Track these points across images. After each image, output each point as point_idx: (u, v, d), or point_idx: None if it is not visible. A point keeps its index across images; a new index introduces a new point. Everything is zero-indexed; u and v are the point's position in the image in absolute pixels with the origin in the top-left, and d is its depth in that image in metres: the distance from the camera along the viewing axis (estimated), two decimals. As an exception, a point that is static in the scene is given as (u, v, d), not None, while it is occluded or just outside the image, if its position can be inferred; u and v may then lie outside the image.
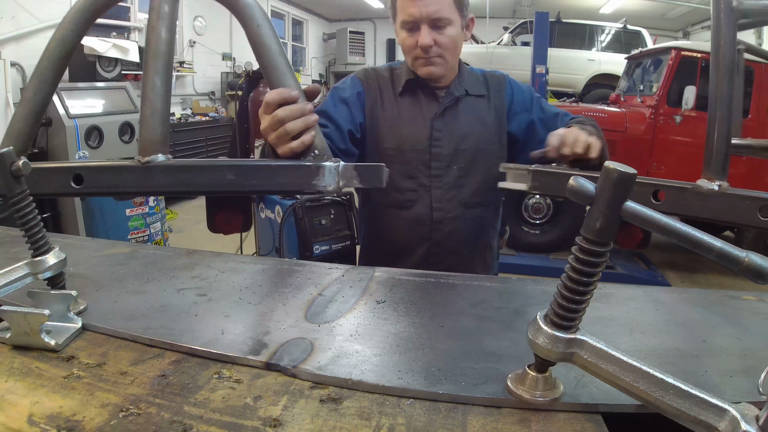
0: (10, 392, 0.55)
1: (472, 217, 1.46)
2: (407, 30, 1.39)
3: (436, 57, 1.39)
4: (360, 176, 0.82)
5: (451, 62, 1.43)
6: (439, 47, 1.37)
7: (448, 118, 1.46)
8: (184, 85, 8.37)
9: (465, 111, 1.47)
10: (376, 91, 1.49)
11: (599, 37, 9.91)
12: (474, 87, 1.50)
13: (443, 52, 1.39)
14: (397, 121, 1.46)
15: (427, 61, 1.39)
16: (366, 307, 0.76)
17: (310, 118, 0.84)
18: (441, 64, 1.41)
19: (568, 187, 0.47)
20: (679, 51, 5.06)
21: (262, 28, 0.82)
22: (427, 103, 1.47)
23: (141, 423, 0.49)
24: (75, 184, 0.84)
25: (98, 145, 4.71)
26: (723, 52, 0.85)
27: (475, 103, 1.50)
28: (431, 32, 1.35)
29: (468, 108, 1.48)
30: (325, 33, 14.34)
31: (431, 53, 1.37)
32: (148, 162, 0.82)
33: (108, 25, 6.41)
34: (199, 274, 0.89)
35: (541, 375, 0.53)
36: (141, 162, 0.82)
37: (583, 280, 0.48)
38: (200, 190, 0.90)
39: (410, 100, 1.48)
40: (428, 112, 1.46)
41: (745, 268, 0.42)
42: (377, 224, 1.55)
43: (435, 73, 1.42)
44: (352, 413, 0.52)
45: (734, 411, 0.42)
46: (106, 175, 0.85)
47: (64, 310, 0.67)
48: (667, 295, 0.86)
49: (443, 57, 1.40)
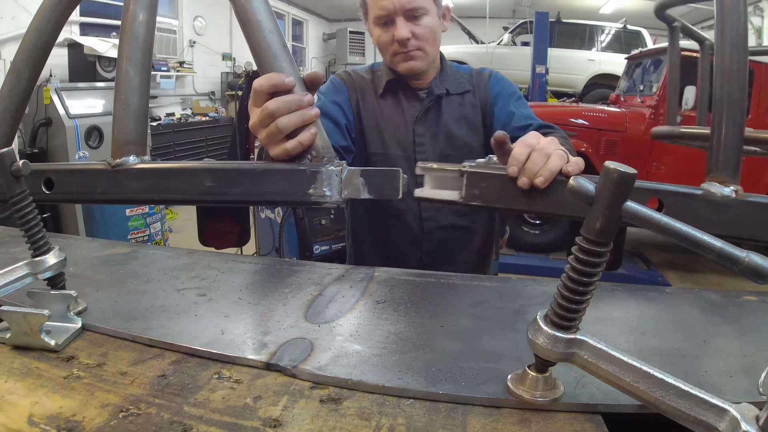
0: (10, 392, 0.55)
1: (466, 225, 1.41)
2: (381, 25, 1.31)
3: (416, 50, 1.30)
4: (369, 184, 0.68)
5: (431, 54, 1.35)
6: (418, 39, 1.29)
7: (431, 120, 1.39)
8: (184, 85, 8.37)
9: (448, 111, 1.39)
10: (358, 92, 1.42)
11: (599, 37, 9.92)
12: (456, 84, 1.42)
13: (422, 44, 1.30)
14: (381, 125, 1.39)
15: (406, 55, 1.31)
16: (366, 307, 0.76)
17: (308, 111, 0.69)
18: (421, 57, 1.32)
19: (568, 187, 0.47)
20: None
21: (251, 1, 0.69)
22: (409, 106, 1.40)
23: (141, 423, 0.49)
24: (46, 189, 0.75)
25: (98, 145, 4.72)
26: (730, 24, 0.70)
27: (458, 102, 1.41)
28: (407, 24, 1.27)
29: (451, 108, 1.40)
30: (325, 33, 14.35)
31: (410, 46, 1.29)
32: (119, 165, 0.72)
33: (108, 25, 6.41)
34: (199, 274, 0.89)
35: (541, 375, 0.53)
36: (111, 165, 0.72)
37: (583, 280, 0.48)
38: (174, 199, 0.74)
39: (392, 103, 1.41)
40: (410, 116, 1.39)
41: (745, 268, 0.42)
42: (364, 235, 1.48)
43: (416, 68, 1.33)
44: (352, 413, 0.52)
45: (734, 411, 0.42)
46: (76, 178, 0.76)
47: (64, 310, 0.67)
48: (667, 295, 0.86)
49: (423, 49, 1.32)
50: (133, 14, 0.71)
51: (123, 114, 0.72)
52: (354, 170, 0.68)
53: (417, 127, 1.38)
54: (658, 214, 0.45)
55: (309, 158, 0.69)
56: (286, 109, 0.68)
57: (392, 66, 1.37)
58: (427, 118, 1.39)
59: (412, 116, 1.38)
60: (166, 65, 7.74)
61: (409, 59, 1.32)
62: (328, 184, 0.67)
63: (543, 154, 0.78)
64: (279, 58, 0.68)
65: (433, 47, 1.35)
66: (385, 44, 1.33)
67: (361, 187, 0.68)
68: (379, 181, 0.69)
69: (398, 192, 0.69)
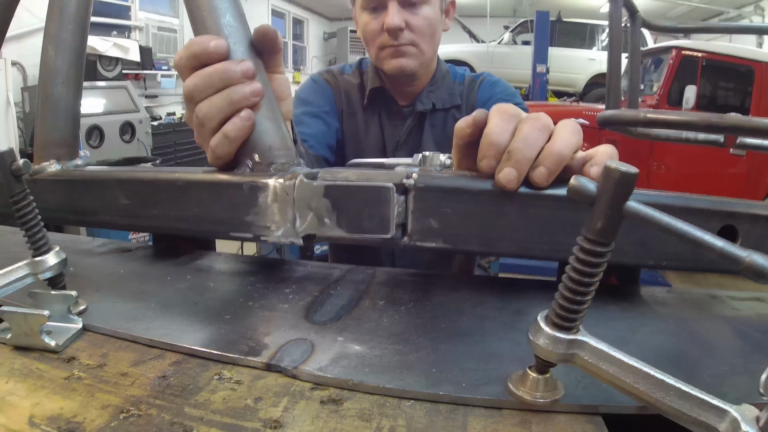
0: (11, 394, 0.55)
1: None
2: (370, 11, 1.09)
3: (408, 45, 1.09)
4: (339, 211, 0.45)
5: (427, 54, 1.13)
6: (412, 31, 1.08)
7: (412, 144, 1.18)
8: (184, 84, 8.37)
9: (429, 132, 1.19)
10: (344, 97, 1.21)
11: (600, 37, 9.92)
12: (447, 97, 1.20)
13: (417, 38, 1.09)
14: (363, 145, 1.18)
15: (396, 50, 1.09)
16: (367, 308, 0.76)
17: (240, 89, 0.46)
18: (414, 56, 1.10)
19: (569, 186, 0.47)
20: (679, 50, 5.07)
21: None
22: (391, 126, 1.19)
23: (142, 424, 0.49)
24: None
25: (99, 145, 4.73)
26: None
27: (443, 119, 1.20)
28: (401, 11, 1.05)
29: (434, 127, 1.20)
30: (325, 32, 14.36)
31: (401, 39, 1.08)
32: (37, 173, 0.60)
33: (108, 24, 6.41)
34: (199, 274, 0.89)
35: (542, 376, 0.53)
36: (30, 173, 0.60)
37: (584, 281, 0.48)
38: (87, 221, 0.59)
39: (375, 119, 1.20)
40: (391, 140, 1.18)
41: (746, 267, 0.41)
42: (337, 253, 1.32)
43: (406, 67, 1.11)
44: (352, 414, 0.52)
45: (735, 412, 0.42)
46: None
47: (64, 310, 0.67)
48: (668, 295, 0.86)
49: (417, 45, 1.10)
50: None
51: (43, 107, 0.57)
52: (315, 186, 0.43)
53: (398, 153, 1.17)
54: (660, 213, 0.45)
55: (249, 165, 0.47)
56: (206, 87, 0.47)
57: (377, 63, 1.16)
58: (408, 141, 1.19)
59: (393, 141, 1.18)
60: (166, 64, 7.75)
61: (399, 55, 1.11)
62: (275, 209, 0.43)
63: (540, 127, 0.47)
64: (213, 12, 0.46)
65: (430, 45, 1.14)
66: (373, 34, 1.11)
67: (326, 214, 0.45)
68: (355, 206, 0.44)
69: (388, 226, 0.44)
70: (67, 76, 0.58)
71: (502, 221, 0.51)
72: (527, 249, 0.53)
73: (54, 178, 0.58)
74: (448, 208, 0.47)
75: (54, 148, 0.59)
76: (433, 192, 0.46)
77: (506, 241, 0.54)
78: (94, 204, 0.57)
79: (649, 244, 0.58)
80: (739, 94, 5.00)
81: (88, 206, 0.57)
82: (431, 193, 0.46)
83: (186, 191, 0.50)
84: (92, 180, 0.57)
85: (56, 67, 0.57)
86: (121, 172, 0.54)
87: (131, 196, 0.53)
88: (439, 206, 0.48)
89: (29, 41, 5.29)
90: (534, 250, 0.53)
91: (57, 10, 0.56)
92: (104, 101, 4.96)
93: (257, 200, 0.44)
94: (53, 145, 0.59)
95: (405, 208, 0.47)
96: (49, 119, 0.58)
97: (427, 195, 0.46)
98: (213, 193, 0.48)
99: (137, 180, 0.53)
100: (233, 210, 0.46)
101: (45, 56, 0.57)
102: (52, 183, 0.58)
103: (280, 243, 0.47)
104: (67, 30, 0.56)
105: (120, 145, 4.95)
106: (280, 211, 0.44)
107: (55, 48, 0.56)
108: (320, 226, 0.45)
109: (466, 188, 0.48)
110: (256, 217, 0.45)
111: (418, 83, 1.18)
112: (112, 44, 5.67)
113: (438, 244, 0.51)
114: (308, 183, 0.44)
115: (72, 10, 0.56)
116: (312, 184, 0.45)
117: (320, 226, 0.45)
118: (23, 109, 5.13)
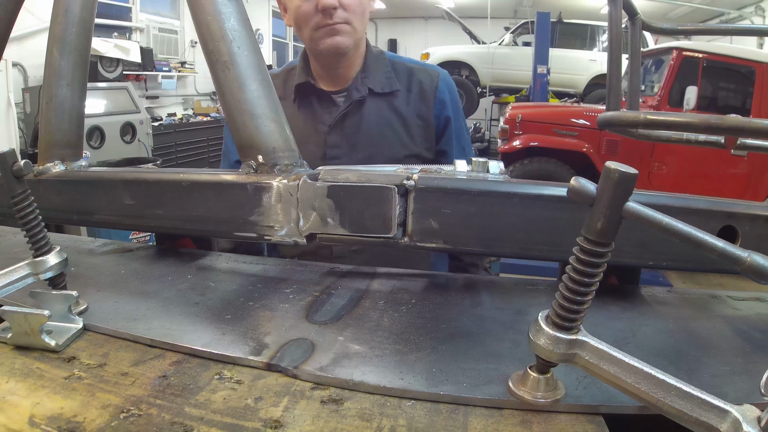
0: (12, 393, 0.55)
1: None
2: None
3: (343, 23, 1.12)
4: (342, 210, 0.46)
5: (359, 31, 1.17)
6: (345, 10, 1.11)
7: (349, 128, 1.19)
8: (185, 85, 8.39)
9: (373, 115, 1.19)
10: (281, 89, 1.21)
11: (601, 38, 9.92)
12: (384, 81, 1.21)
13: (350, 16, 1.12)
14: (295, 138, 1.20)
15: (331, 29, 1.11)
16: (367, 308, 0.76)
17: None
18: (349, 33, 1.13)
19: (569, 187, 0.47)
20: (680, 51, 5.06)
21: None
22: (322, 112, 1.20)
23: (142, 424, 0.49)
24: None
25: (100, 145, 4.74)
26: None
27: (386, 103, 1.21)
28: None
29: (378, 111, 1.20)
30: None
31: (336, 17, 1.10)
32: (41, 173, 0.60)
33: (109, 26, 6.42)
34: (200, 274, 0.89)
35: (542, 376, 0.53)
36: (34, 173, 0.59)
37: (584, 281, 0.48)
38: (91, 221, 0.59)
39: (305, 110, 1.21)
40: (323, 125, 1.19)
41: (747, 268, 0.42)
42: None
43: (342, 45, 1.14)
44: (353, 414, 0.52)
45: (736, 412, 0.42)
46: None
47: (65, 310, 0.67)
48: (668, 295, 0.86)
49: (350, 23, 1.13)
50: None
51: (47, 109, 0.57)
52: (318, 187, 0.44)
53: (330, 137, 1.19)
54: (660, 214, 0.45)
55: (253, 165, 0.47)
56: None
57: (312, 45, 1.17)
58: (344, 125, 1.19)
59: (324, 125, 1.19)
60: (167, 65, 7.76)
61: (335, 33, 1.13)
62: (278, 209, 0.45)
63: None
64: (217, 16, 0.48)
65: (361, 23, 1.17)
66: (306, 16, 1.13)
67: (330, 214, 0.45)
68: (358, 207, 0.45)
69: (390, 225, 0.45)
70: (72, 77, 0.58)
71: (502, 222, 0.52)
72: (527, 249, 0.54)
73: (58, 178, 0.58)
74: (448, 209, 0.48)
75: (58, 149, 0.59)
76: (433, 193, 0.47)
77: (506, 241, 0.55)
78: (99, 204, 0.57)
79: (649, 245, 0.58)
80: (740, 94, 5.00)
81: (93, 206, 0.57)
82: (431, 194, 0.46)
83: (191, 191, 0.51)
84: (97, 180, 0.57)
85: (61, 68, 0.57)
86: (125, 173, 0.55)
87: (136, 196, 0.54)
88: (439, 207, 0.48)
89: (30, 42, 5.30)
90: (534, 251, 0.53)
91: (62, 12, 0.57)
92: (105, 102, 4.98)
93: (261, 200, 0.45)
94: (58, 146, 0.59)
95: (405, 208, 0.46)
96: (54, 120, 0.58)
97: (427, 196, 0.46)
98: (217, 194, 0.49)
99: (142, 180, 0.53)
100: (237, 210, 0.47)
101: (50, 58, 0.57)
102: (56, 183, 0.58)
103: (284, 242, 0.48)
104: (72, 32, 0.57)
105: (121, 145, 4.97)
106: (284, 211, 0.45)
107: (60, 50, 0.56)
108: (323, 226, 0.46)
109: (466, 189, 0.49)
110: (260, 217, 0.46)
111: (350, 63, 1.20)
112: (113, 45, 5.68)
113: (438, 245, 0.51)
114: (311, 183, 0.45)
115: (77, 12, 0.57)
116: (315, 184, 0.45)
117: (323, 226, 0.46)
118: (24, 109, 5.14)
